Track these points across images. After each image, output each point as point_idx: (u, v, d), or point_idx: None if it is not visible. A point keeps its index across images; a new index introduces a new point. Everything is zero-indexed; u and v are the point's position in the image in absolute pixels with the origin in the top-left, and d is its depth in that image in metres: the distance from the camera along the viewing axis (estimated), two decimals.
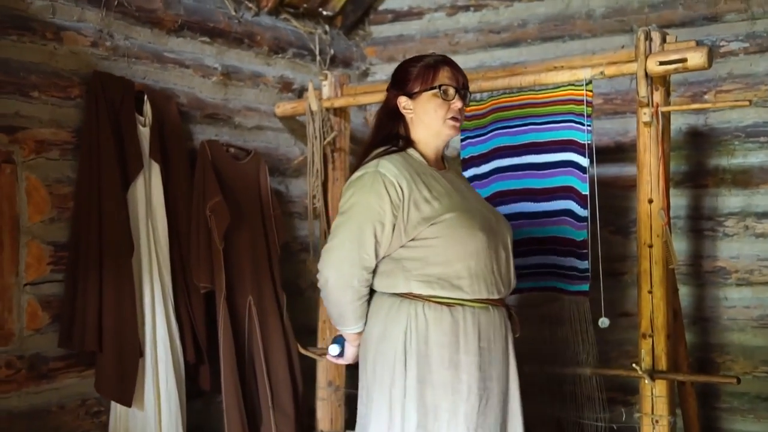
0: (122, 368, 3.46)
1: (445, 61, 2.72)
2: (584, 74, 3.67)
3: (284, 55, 4.73)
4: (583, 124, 3.69)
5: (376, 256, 2.60)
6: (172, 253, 3.78)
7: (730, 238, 4.40)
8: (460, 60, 4.95)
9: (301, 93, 4.77)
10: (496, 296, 2.63)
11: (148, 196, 3.70)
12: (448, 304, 2.56)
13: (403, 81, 2.72)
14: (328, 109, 4.34)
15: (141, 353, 3.55)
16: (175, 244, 3.81)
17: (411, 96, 2.69)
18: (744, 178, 4.35)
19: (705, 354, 4.44)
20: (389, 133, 2.73)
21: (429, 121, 2.67)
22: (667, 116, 3.66)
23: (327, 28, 5.03)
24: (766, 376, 4.27)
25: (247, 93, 4.52)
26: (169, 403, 3.62)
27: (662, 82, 3.61)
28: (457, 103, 2.67)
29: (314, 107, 4.31)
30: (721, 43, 4.41)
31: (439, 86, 2.65)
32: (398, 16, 5.30)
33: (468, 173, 3.98)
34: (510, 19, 4.95)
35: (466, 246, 2.56)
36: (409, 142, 2.72)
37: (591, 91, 3.72)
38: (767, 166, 4.27)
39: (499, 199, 3.89)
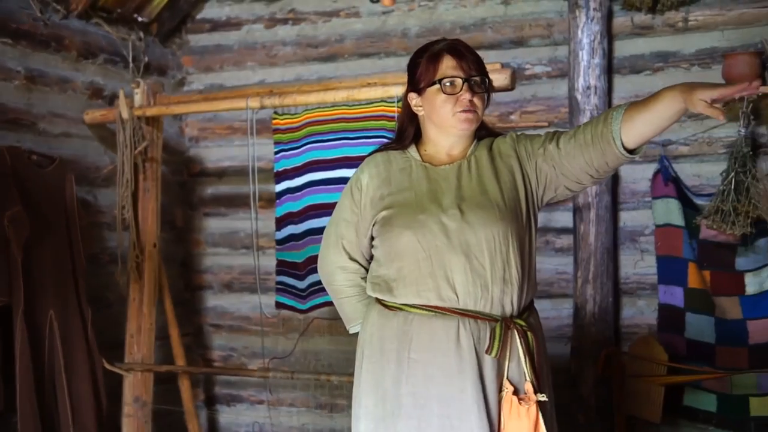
0: None
1: (450, 49, 2.40)
2: (396, 91, 3.75)
3: (95, 61, 4.57)
4: None
5: (349, 255, 2.55)
6: None
7: None
8: (277, 73, 5.05)
9: (112, 100, 4.61)
10: (436, 303, 2.32)
11: None
12: (390, 308, 2.40)
13: (411, 76, 2.48)
14: (139, 118, 4.22)
15: None
16: None
17: (418, 92, 2.44)
18: None
19: None
20: (403, 133, 2.52)
21: (437, 118, 2.40)
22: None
23: (141, 34, 4.90)
24: (563, 384, 4.47)
25: (53, 98, 4.33)
26: None
27: None
28: (466, 95, 2.35)
29: (125, 115, 4.18)
30: (526, 66, 4.63)
31: (441, 80, 2.37)
32: (216, 25, 5.24)
33: (281, 186, 3.99)
34: (328, 33, 5.00)
35: (395, 246, 2.37)
36: (414, 140, 2.51)
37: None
38: None
39: (312, 212, 3.91)
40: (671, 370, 4.10)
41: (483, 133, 2.53)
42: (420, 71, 2.42)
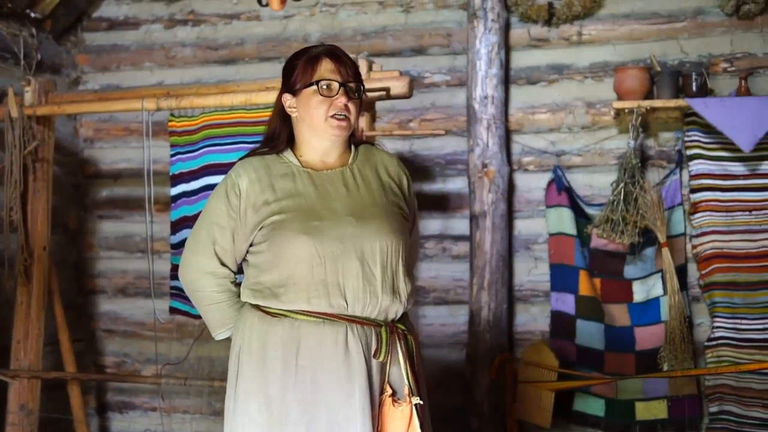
0: None
1: (329, 53, 2.44)
2: None
3: None
4: None
5: (221, 260, 2.48)
6: None
7: (429, 259, 4.65)
8: (175, 74, 4.98)
9: (1, 98, 4.47)
10: (326, 310, 2.34)
11: None
12: (274, 315, 2.38)
13: (286, 77, 2.48)
14: (30, 117, 4.10)
15: None
16: None
17: (294, 93, 2.45)
18: (443, 203, 4.63)
19: None
20: (274, 134, 2.52)
21: (310, 119, 2.41)
22: (371, 140, 3.81)
23: (34, 31, 4.76)
24: (458, 389, 4.54)
25: None
26: None
27: (368, 108, 3.76)
28: (341, 99, 2.40)
29: (14, 114, 4.05)
30: (425, 75, 4.67)
31: (318, 81, 2.40)
32: (113, 24, 5.13)
33: (177, 190, 3.93)
34: (228, 36, 4.95)
35: (287, 251, 2.36)
36: (289, 144, 2.51)
37: None
38: (463, 192, 4.56)
39: None
40: (561, 376, 4.19)
41: (356, 139, 2.59)
42: (297, 72, 2.44)
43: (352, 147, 2.54)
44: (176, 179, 3.95)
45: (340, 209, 2.40)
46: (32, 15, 4.72)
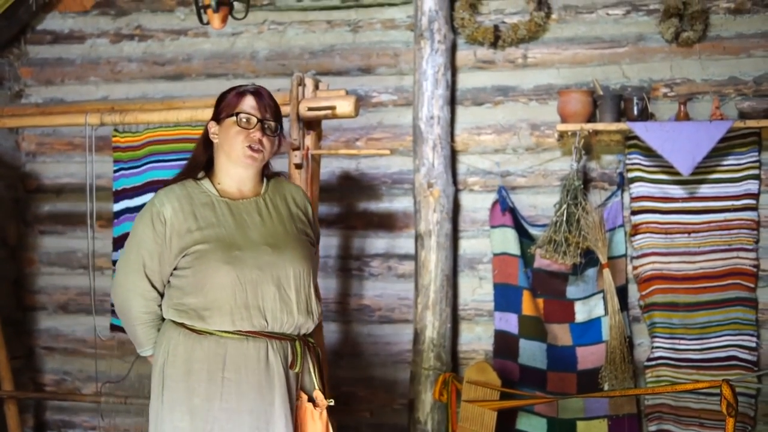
0: None
1: (254, 92, 2.72)
2: None
3: None
4: None
5: (151, 282, 2.68)
6: None
7: (375, 278, 4.68)
8: (122, 89, 4.93)
9: None
10: (250, 329, 2.60)
11: None
12: (199, 332, 2.61)
13: (216, 107, 2.76)
14: None
15: None
16: None
17: (218, 121, 2.72)
18: (389, 222, 4.65)
19: (351, 388, 4.65)
20: (196, 160, 2.78)
21: (227, 147, 2.68)
22: (317, 159, 3.82)
23: None
24: (402, 408, 4.55)
25: None
26: None
27: (314, 126, 3.77)
28: (256, 133, 2.66)
29: None
30: (373, 94, 4.70)
31: (238, 113, 2.66)
32: (58, 38, 5.06)
33: (120, 206, 3.91)
34: (175, 52, 4.92)
35: (211, 278, 2.60)
36: (209, 171, 2.76)
37: None
38: (409, 211, 4.59)
39: None
40: (504, 396, 4.22)
41: (268, 171, 2.85)
42: (224, 104, 2.72)
43: (265, 179, 2.81)
44: (119, 195, 3.93)
45: (256, 238, 2.68)
46: None
